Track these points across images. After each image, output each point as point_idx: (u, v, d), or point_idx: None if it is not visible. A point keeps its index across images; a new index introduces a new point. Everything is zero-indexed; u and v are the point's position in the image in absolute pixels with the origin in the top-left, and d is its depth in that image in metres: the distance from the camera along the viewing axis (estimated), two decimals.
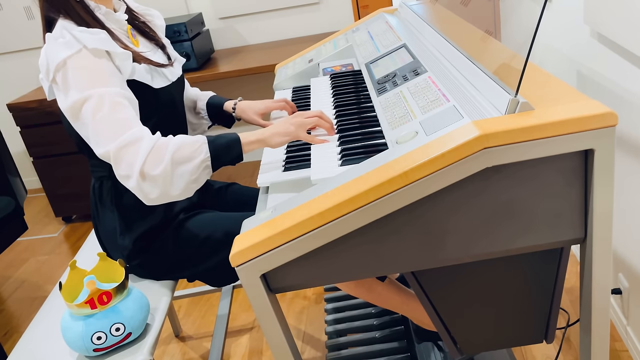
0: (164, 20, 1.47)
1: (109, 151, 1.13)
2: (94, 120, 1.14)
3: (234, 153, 1.19)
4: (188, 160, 1.13)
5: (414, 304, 1.36)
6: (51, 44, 1.17)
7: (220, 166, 1.18)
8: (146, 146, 1.12)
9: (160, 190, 1.12)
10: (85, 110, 1.14)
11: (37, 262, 2.83)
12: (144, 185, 1.12)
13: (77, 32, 1.16)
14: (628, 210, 1.50)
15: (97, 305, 1.13)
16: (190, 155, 1.13)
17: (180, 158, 1.12)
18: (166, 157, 1.11)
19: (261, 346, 1.96)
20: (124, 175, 1.13)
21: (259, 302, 0.99)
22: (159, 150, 1.12)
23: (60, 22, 1.19)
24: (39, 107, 2.84)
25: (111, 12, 1.27)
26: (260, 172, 1.21)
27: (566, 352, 1.68)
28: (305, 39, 3.11)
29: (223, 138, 1.18)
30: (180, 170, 1.12)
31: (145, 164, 1.11)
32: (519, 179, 0.90)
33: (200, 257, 1.35)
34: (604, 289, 0.97)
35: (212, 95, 1.60)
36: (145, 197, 1.14)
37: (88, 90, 1.14)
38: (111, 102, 1.14)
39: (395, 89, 1.27)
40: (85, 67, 1.15)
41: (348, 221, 0.91)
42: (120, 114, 1.14)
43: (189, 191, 1.16)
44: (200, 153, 1.14)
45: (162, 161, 1.11)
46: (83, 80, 1.14)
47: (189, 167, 1.13)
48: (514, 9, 2.15)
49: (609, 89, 1.49)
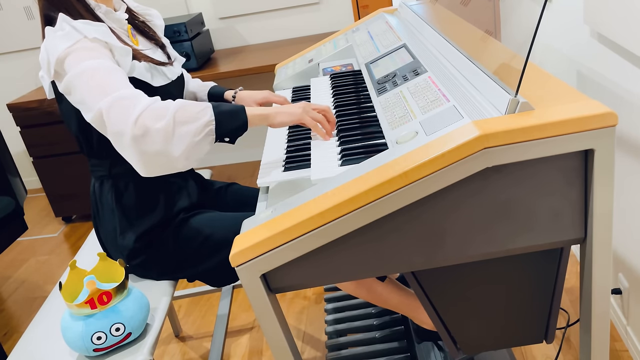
0: (163, 20, 1.48)
1: (101, 108, 1.07)
2: (88, 83, 1.10)
3: (239, 121, 1.15)
4: (191, 121, 1.08)
5: (414, 304, 1.36)
6: (50, 38, 1.17)
7: (224, 135, 1.14)
8: (145, 101, 1.07)
9: (160, 146, 1.06)
10: (80, 77, 1.11)
11: (37, 262, 2.83)
12: (141, 141, 1.05)
13: (77, 23, 1.16)
14: (628, 210, 1.50)
15: (97, 305, 1.13)
16: (193, 116, 1.09)
17: (183, 117, 1.07)
18: (168, 114, 1.06)
19: (261, 346, 1.96)
20: (117, 131, 1.06)
21: (259, 302, 0.99)
22: (159, 106, 1.07)
23: (61, 16, 1.19)
24: (39, 107, 2.84)
25: (111, 11, 1.28)
26: (260, 172, 1.21)
27: (566, 352, 1.68)
28: (305, 39, 3.11)
29: (228, 105, 1.15)
30: (182, 130, 1.07)
31: (143, 116, 1.05)
32: (519, 179, 0.90)
33: (200, 257, 1.35)
34: (604, 289, 0.97)
35: (213, 85, 1.61)
36: (141, 156, 1.07)
37: (85, 62, 1.11)
38: (107, 68, 1.12)
39: (395, 89, 1.27)
40: (86, 48, 1.14)
41: (348, 221, 0.91)
42: (116, 75, 1.11)
43: (190, 158, 1.10)
44: (204, 115, 1.10)
45: (164, 117, 1.06)
46: (83, 57, 1.13)
47: (192, 127, 1.08)
48: (514, 9, 2.15)
49: (609, 89, 1.49)
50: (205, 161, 3.56)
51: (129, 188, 1.32)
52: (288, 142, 1.34)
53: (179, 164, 1.10)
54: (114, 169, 1.31)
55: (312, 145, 1.23)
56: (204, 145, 1.12)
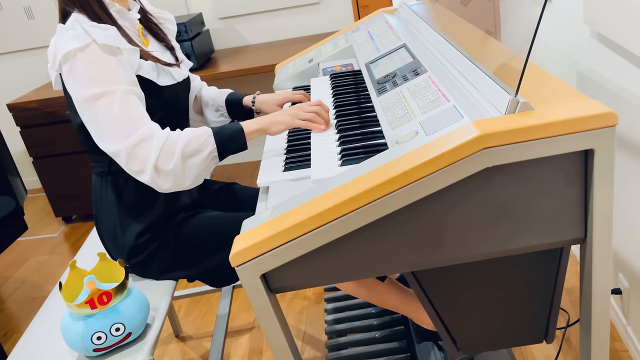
0: (176, 25, 1.50)
1: (121, 150, 1.18)
2: (105, 118, 1.17)
3: (239, 143, 1.25)
4: (197, 153, 1.20)
5: (414, 304, 1.36)
6: (61, 34, 1.20)
7: (227, 155, 1.25)
8: (157, 143, 1.17)
9: (173, 182, 1.20)
10: (96, 108, 1.18)
11: (37, 262, 2.83)
12: (158, 179, 1.19)
13: (88, 27, 1.20)
14: (628, 210, 1.50)
15: (97, 305, 1.13)
16: (198, 148, 1.20)
17: (189, 152, 1.19)
18: (177, 152, 1.18)
19: (261, 346, 1.96)
20: (138, 170, 1.19)
21: (259, 302, 0.99)
22: (169, 146, 1.18)
23: (74, 15, 1.22)
24: (39, 107, 2.84)
25: (124, 10, 1.30)
26: (260, 172, 1.22)
27: (566, 352, 1.68)
28: (305, 39, 3.11)
29: (227, 129, 1.25)
30: (190, 163, 1.19)
31: (158, 160, 1.17)
32: (519, 179, 0.90)
33: (200, 257, 1.35)
34: (604, 289, 0.97)
35: (231, 92, 1.61)
36: (158, 188, 1.21)
37: (99, 88, 1.17)
38: (121, 100, 1.18)
39: (395, 89, 1.27)
40: (96, 63, 1.18)
41: (348, 221, 0.91)
42: (131, 112, 1.18)
43: (199, 179, 1.23)
44: (207, 145, 1.21)
45: (174, 156, 1.18)
46: (94, 76, 1.17)
47: (198, 159, 1.20)
48: (514, 9, 2.15)
49: (609, 89, 1.49)
50: None
51: (129, 184, 1.32)
52: (288, 142, 1.34)
53: (190, 187, 1.24)
54: (113, 165, 1.31)
55: (312, 145, 1.23)
56: (210, 168, 1.24)
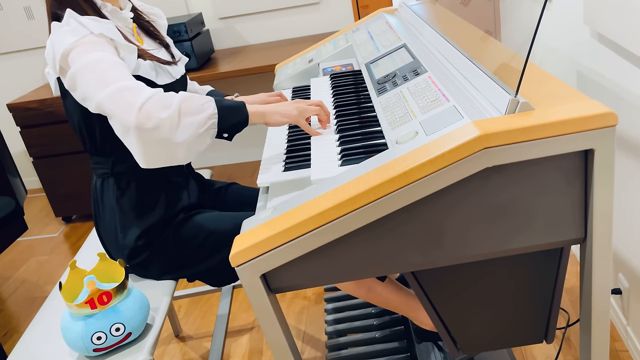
0: (166, 20, 1.49)
1: (102, 99, 1.09)
2: (91, 75, 1.11)
3: (240, 116, 1.18)
4: (195, 113, 1.11)
5: (414, 304, 1.36)
6: (56, 33, 1.18)
7: (225, 129, 1.16)
8: (148, 91, 1.09)
9: (164, 135, 1.07)
10: (84, 70, 1.12)
11: (37, 262, 2.83)
12: (146, 129, 1.06)
13: (84, 19, 1.18)
14: (628, 210, 1.50)
15: (97, 305, 1.13)
16: (198, 109, 1.12)
17: (188, 109, 1.10)
18: (174, 104, 1.08)
19: (261, 346, 1.96)
20: (121, 119, 1.07)
21: (259, 302, 0.99)
22: (164, 96, 1.09)
23: (68, 12, 1.20)
24: (39, 107, 2.84)
25: (117, 10, 1.29)
26: (260, 172, 1.21)
27: (566, 352, 1.68)
28: (305, 39, 3.11)
29: (229, 101, 1.19)
30: (187, 121, 1.09)
31: (149, 103, 1.07)
32: (519, 179, 0.90)
33: (201, 257, 1.35)
34: (604, 289, 0.97)
35: (210, 89, 1.61)
36: (144, 145, 1.08)
37: (89, 54, 1.13)
38: (110, 60, 1.13)
39: (395, 89, 1.27)
40: (91, 42, 1.15)
41: (348, 221, 0.91)
42: (119, 67, 1.13)
43: (191, 150, 1.12)
44: (208, 108, 1.13)
45: (169, 107, 1.08)
46: (86, 49, 1.14)
47: (196, 119, 1.10)
48: (514, 9, 2.15)
49: (609, 89, 1.49)
50: (205, 161, 3.56)
51: (131, 186, 1.32)
52: (288, 141, 1.34)
53: (180, 154, 1.11)
54: (116, 167, 1.31)
55: (312, 145, 1.23)
56: (206, 139, 1.14)
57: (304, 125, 1.26)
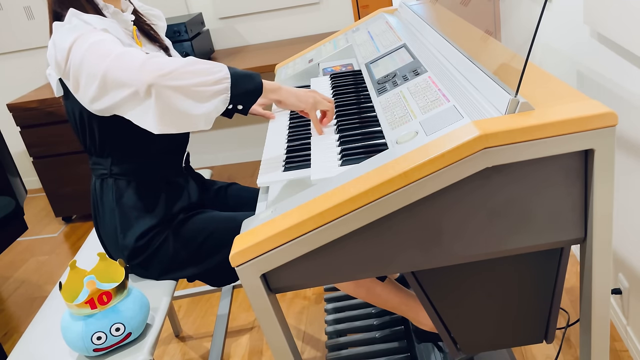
0: (165, 22, 1.48)
1: (110, 62, 1.08)
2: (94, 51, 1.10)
3: (254, 83, 1.15)
4: (208, 74, 1.08)
5: (413, 305, 1.36)
6: (58, 32, 1.17)
7: (238, 97, 1.13)
8: (152, 54, 1.08)
9: (179, 82, 1.05)
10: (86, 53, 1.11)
11: (37, 262, 2.83)
12: (159, 73, 1.04)
13: (86, 17, 1.18)
14: (628, 210, 1.50)
15: (97, 305, 1.13)
16: (211, 69, 1.09)
17: (198, 69, 1.07)
18: (181, 62, 1.06)
19: (261, 346, 1.96)
20: (132, 76, 1.06)
21: (259, 302, 0.99)
22: (170, 59, 1.07)
23: (71, 11, 1.19)
24: (39, 107, 2.84)
25: (119, 12, 1.29)
26: (260, 172, 1.21)
27: (566, 352, 1.68)
28: (305, 39, 3.11)
29: (242, 70, 1.16)
30: (198, 80, 1.06)
31: (156, 58, 1.05)
32: (519, 179, 0.90)
33: (200, 257, 1.35)
34: (604, 289, 0.97)
35: None
36: (156, 101, 1.05)
37: (90, 38, 1.12)
38: (112, 39, 1.13)
39: (395, 89, 1.27)
40: (93, 32, 1.15)
41: (348, 221, 0.91)
42: (118, 43, 1.13)
43: (207, 112, 1.09)
44: (220, 71, 1.10)
45: (176, 62, 1.05)
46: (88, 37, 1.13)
47: (208, 78, 1.08)
48: (514, 9, 2.15)
49: (609, 89, 1.49)
50: (205, 161, 3.56)
51: (130, 187, 1.32)
52: (288, 141, 1.34)
53: (196, 110, 1.08)
54: (115, 168, 1.31)
55: (312, 145, 1.23)
56: (219, 104, 1.10)
57: (314, 117, 1.25)
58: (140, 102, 1.08)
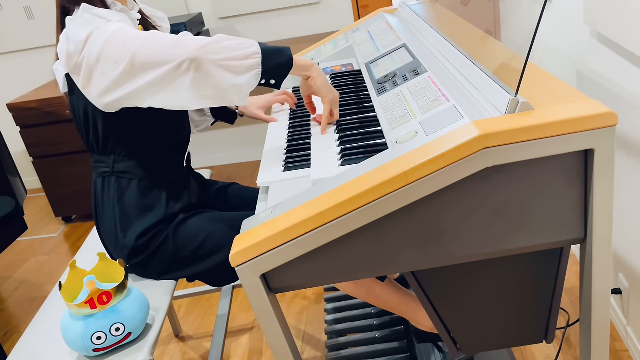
0: (169, 23, 1.50)
1: (141, 42, 1.08)
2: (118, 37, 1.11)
3: (285, 57, 1.17)
4: (238, 49, 1.10)
5: (413, 305, 1.36)
6: (72, 26, 1.18)
7: (270, 71, 1.14)
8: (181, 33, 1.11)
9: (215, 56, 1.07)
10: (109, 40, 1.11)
11: (37, 262, 2.83)
12: (195, 46, 1.06)
13: (99, 11, 1.18)
14: (628, 210, 1.50)
15: (97, 305, 1.13)
16: (240, 45, 1.11)
17: (230, 45, 1.09)
18: (213, 38, 1.08)
19: (261, 346, 1.96)
20: (167, 52, 1.07)
21: (259, 302, 0.99)
22: (200, 37, 1.09)
23: (83, 6, 1.20)
24: (39, 107, 2.84)
25: (126, 9, 1.30)
26: (260, 172, 1.21)
27: (566, 352, 1.68)
28: (305, 39, 3.11)
29: (273, 45, 1.18)
30: (231, 54, 1.08)
31: (187, 36, 1.07)
32: (519, 179, 0.90)
33: (201, 257, 1.35)
34: (604, 289, 0.97)
35: None
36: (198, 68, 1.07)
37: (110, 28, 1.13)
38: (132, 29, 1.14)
39: (395, 89, 1.27)
40: (108, 24, 1.15)
41: (348, 221, 0.91)
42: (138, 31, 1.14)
43: (240, 84, 1.11)
44: (251, 46, 1.12)
45: (208, 38, 1.07)
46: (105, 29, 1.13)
47: (239, 53, 1.10)
48: (514, 9, 2.15)
49: (609, 89, 1.49)
50: (205, 161, 3.56)
51: (132, 186, 1.32)
52: (288, 141, 1.34)
53: (232, 81, 1.10)
54: (117, 166, 1.31)
55: (312, 145, 1.23)
56: (251, 79, 1.12)
57: (327, 111, 1.27)
58: (175, 79, 1.09)
